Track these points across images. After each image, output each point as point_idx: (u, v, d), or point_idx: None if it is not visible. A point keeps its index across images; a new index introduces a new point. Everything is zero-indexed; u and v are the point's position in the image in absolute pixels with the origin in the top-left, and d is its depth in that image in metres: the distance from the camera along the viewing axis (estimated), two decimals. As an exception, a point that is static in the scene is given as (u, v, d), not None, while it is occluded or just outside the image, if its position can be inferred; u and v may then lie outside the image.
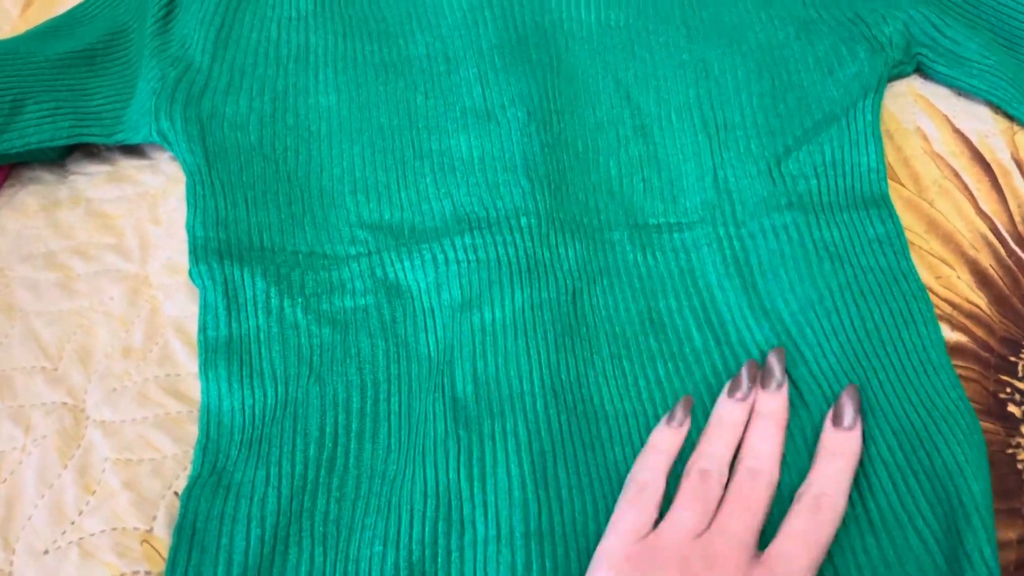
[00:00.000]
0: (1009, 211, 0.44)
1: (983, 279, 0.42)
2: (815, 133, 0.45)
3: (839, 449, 0.34)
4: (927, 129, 0.47)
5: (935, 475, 0.34)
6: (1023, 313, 0.41)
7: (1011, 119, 0.47)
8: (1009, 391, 0.39)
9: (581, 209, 0.44)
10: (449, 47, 0.49)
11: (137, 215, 0.46)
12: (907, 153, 0.46)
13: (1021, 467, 0.36)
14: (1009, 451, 0.37)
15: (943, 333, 0.39)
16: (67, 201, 0.47)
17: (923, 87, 0.49)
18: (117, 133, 0.46)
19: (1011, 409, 0.38)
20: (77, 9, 0.52)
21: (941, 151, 0.46)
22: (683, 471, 0.34)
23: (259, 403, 0.38)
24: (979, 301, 0.41)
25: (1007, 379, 0.39)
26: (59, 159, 0.48)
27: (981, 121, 0.47)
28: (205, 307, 0.40)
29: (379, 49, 0.49)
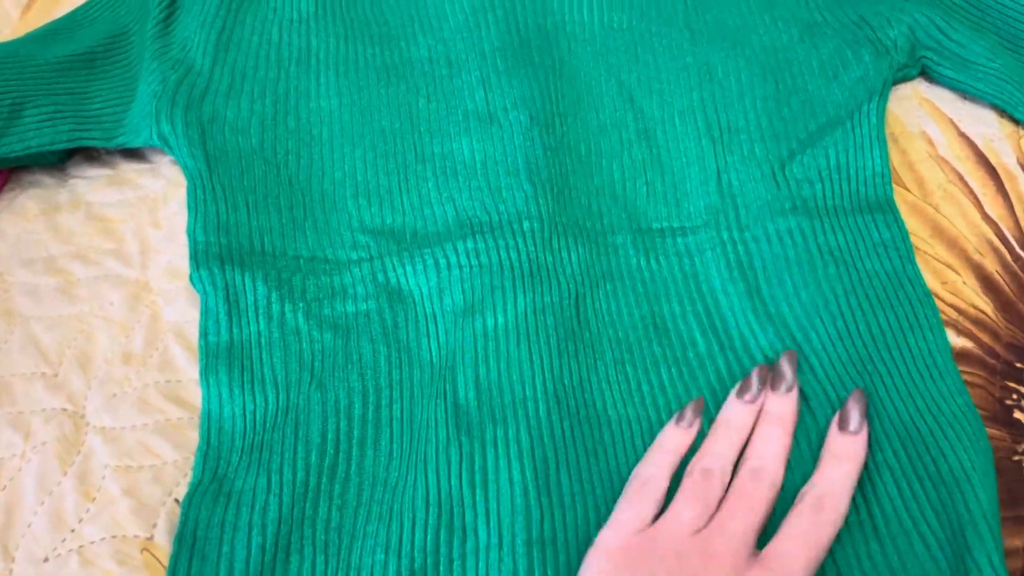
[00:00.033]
0: (1015, 216, 0.44)
1: (989, 284, 0.42)
2: (819, 137, 0.45)
3: (844, 453, 0.34)
4: (932, 133, 0.47)
5: (941, 481, 0.33)
6: (1029, 319, 0.41)
7: (1017, 123, 0.47)
8: (1015, 397, 0.38)
9: (584, 213, 0.43)
10: (451, 50, 0.49)
11: (137, 219, 0.46)
12: (912, 157, 0.46)
13: (1028, 474, 0.36)
14: (1016, 458, 0.37)
15: (949, 339, 0.39)
16: (67, 205, 0.46)
17: (928, 91, 0.49)
18: (117, 137, 0.46)
19: (1017, 415, 0.38)
20: (77, 12, 0.52)
21: (946, 155, 0.46)
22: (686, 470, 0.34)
23: (260, 409, 0.38)
24: (985, 307, 0.41)
25: (1013, 385, 0.39)
26: (59, 163, 0.48)
27: (987, 125, 0.47)
28: (206, 312, 0.40)
29: (381, 52, 0.49)
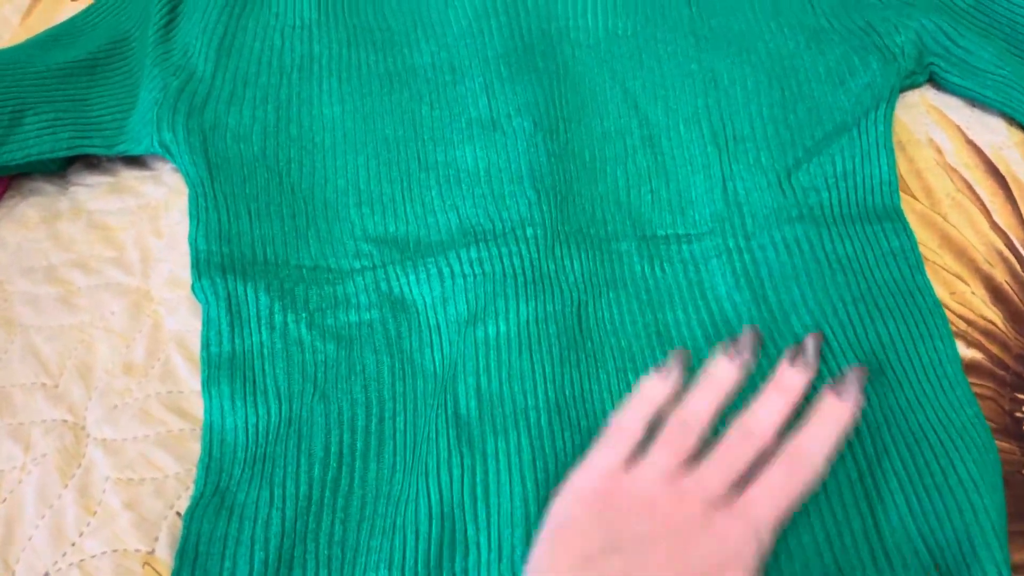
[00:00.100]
0: (1024, 225, 0.44)
1: (998, 295, 0.41)
2: (826, 144, 0.44)
3: (830, 415, 0.33)
4: (940, 141, 0.47)
5: (949, 492, 0.33)
6: (1039, 330, 0.40)
7: (1025, 131, 0.47)
8: (1025, 410, 0.38)
9: (588, 219, 0.43)
10: (454, 56, 0.48)
11: (139, 227, 0.45)
12: (920, 165, 0.46)
13: (1038, 488, 0.36)
14: (1026, 472, 0.36)
15: (958, 350, 0.38)
16: (68, 213, 0.46)
17: (936, 98, 0.48)
18: (118, 144, 0.46)
19: (1027, 428, 0.37)
20: (78, 17, 0.51)
21: (954, 163, 0.46)
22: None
23: (263, 421, 0.37)
24: (994, 317, 0.40)
25: (1023, 397, 0.38)
26: (60, 170, 0.48)
27: (995, 133, 0.47)
28: (208, 323, 0.40)
29: (384, 59, 0.48)
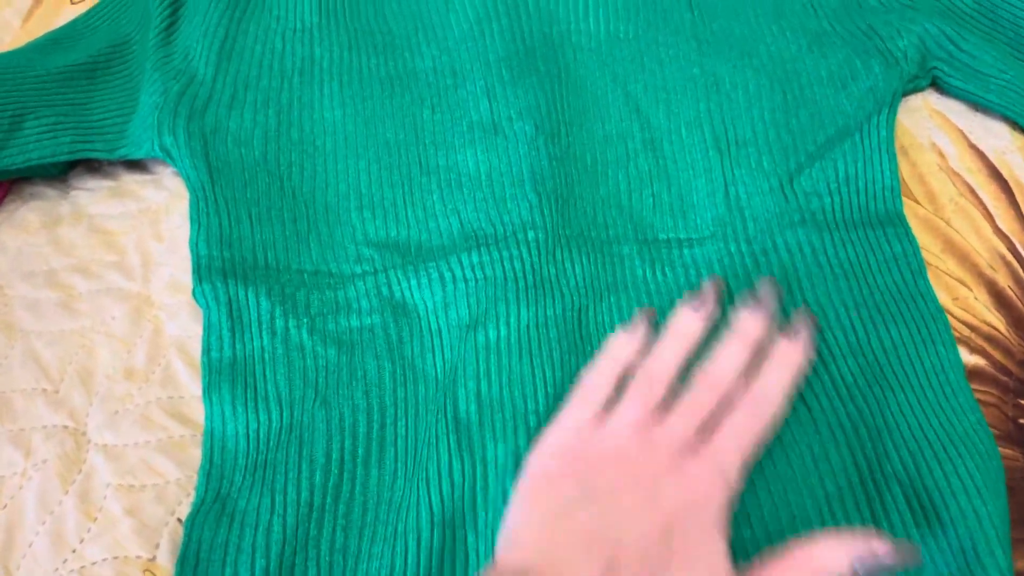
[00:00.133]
0: (1027, 230, 0.43)
1: (1001, 300, 0.41)
2: (828, 149, 0.44)
3: (783, 358, 0.35)
4: (943, 145, 0.46)
5: (953, 498, 0.33)
6: (1042, 335, 0.40)
7: (1028, 135, 0.47)
8: (1029, 416, 0.38)
9: (589, 223, 0.43)
10: (456, 60, 0.48)
11: (139, 232, 0.45)
12: (922, 170, 0.46)
13: (1042, 496, 0.36)
14: (1029, 479, 0.36)
15: (961, 356, 0.38)
16: (69, 217, 0.46)
17: (938, 102, 0.48)
18: (119, 148, 0.46)
19: (1031, 435, 0.37)
20: (79, 20, 0.51)
21: (957, 168, 0.46)
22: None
23: (264, 427, 0.37)
24: (997, 323, 0.40)
25: (1026, 404, 0.38)
26: (60, 174, 0.47)
27: (998, 137, 0.46)
28: (209, 328, 0.39)
29: (385, 62, 0.48)
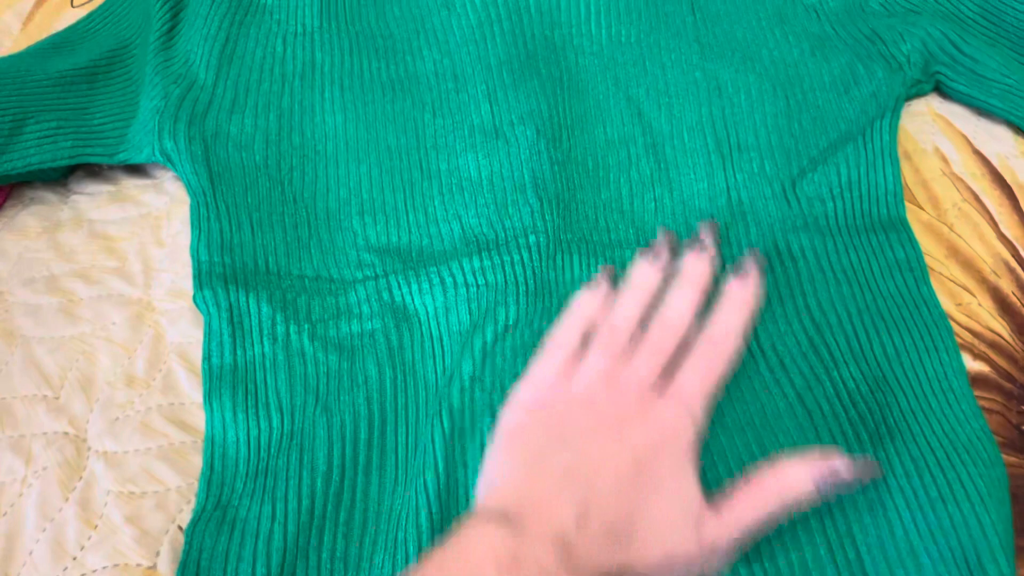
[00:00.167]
0: (1031, 235, 0.43)
1: (1005, 306, 0.41)
2: (830, 154, 0.44)
3: (736, 298, 0.36)
4: (946, 150, 0.46)
5: (955, 506, 0.33)
6: (1046, 342, 0.40)
7: (1032, 140, 0.46)
8: (1033, 423, 0.38)
9: (591, 227, 0.43)
10: (457, 64, 0.48)
11: (140, 237, 0.45)
12: (925, 175, 0.45)
13: (1046, 504, 0.36)
14: (1033, 486, 0.36)
15: (964, 362, 0.38)
16: (69, 222, 0.46)
17: (941, 106, 0.48)
18: (120, 153, 0.46)
19: (1035, 442, 0.37)
20: (79, 24, 0.51)
21: (961, 173, 0.45)
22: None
23: (264, 434, 0.37)
24: (1001, 329, 0.40)
25: (1030, 411, 0.38)
26: (61, 179, 0.47)
27: (1001, 142, 0.46)
28: (209, 334, 0.39)
29: (386, 66, 0.48)
